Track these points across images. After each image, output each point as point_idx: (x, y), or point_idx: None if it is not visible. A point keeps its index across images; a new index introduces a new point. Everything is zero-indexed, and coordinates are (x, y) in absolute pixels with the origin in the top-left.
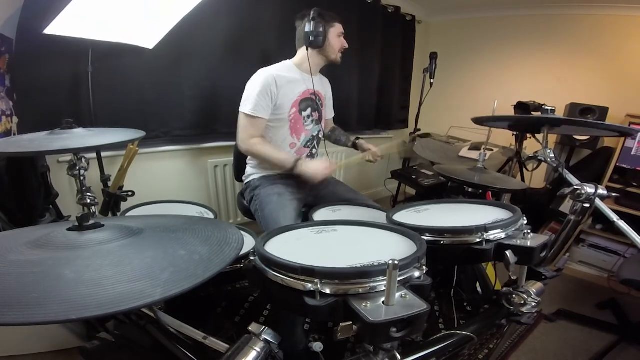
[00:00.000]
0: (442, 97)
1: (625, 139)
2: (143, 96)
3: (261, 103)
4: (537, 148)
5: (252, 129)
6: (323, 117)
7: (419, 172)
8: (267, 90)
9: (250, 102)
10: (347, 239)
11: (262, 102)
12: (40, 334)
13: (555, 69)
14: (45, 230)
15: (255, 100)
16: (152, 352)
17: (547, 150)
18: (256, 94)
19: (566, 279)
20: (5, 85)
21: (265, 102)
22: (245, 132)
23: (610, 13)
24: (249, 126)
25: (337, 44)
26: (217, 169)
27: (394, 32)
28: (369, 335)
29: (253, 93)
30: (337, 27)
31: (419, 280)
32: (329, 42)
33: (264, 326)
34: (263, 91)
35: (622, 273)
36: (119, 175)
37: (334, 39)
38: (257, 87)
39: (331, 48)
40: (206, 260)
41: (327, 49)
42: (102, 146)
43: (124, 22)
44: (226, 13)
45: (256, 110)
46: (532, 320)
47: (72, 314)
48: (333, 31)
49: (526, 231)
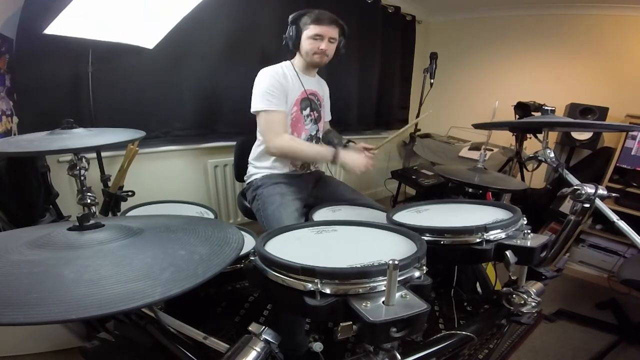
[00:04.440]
0: (442, 97)
1: (625, 139)
2: (143, 96)
3: (275, 95)
4: (537, 148)
5: (276, 125)
6: (322, 118)
7: (419, 172)
8: (276, 84)
9: (264, 98)
10: (347, 239)
11: (275, 94)
12: (40, 334)
13: (555, 69)
14: (45, 230)
15: (269, 95)
16: (152, 352)
17: (547, 150)
18: (267, 88)
19: (566, 279)
20: (5, 85)
21: (278, 94)
22: (270, 132)
23: (611, 13)
24: (272, 123)
25: (308, 47)
26: (217, 169)
27: (394, 32)
28: (369, 335)
29: (263, 89)
30: (310, 29)
31: (419, 280)
32: (301, 46)
33: (264, 326)
34: (273, 85)
35: (622, 273)
36: (119, 175)
37: (305, 41)
38: (267, 82)
39: (304, 51)
40: (206, 260)
41: (301, 52)
42: (102, 146)
43: (124, 22)
44: (226, 13)
45: (272, 104)
46: (532, 320)
47: (72, 314)
48: (306, 34)
49: (526, 231)
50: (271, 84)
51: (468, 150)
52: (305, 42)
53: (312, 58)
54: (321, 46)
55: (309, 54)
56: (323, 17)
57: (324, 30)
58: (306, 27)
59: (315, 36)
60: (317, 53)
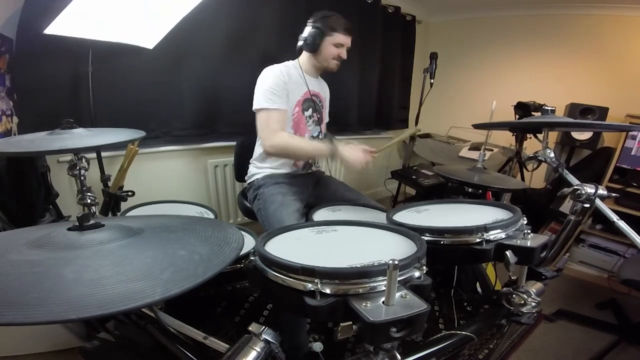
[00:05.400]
0: (442, 97)
1: (625, 139)
2: (143, 96)
3: (277, 94)
4: (537, 148)
5: (274, 123)
6: (324, 119)
7: (419, 172)
8: (279, 82)
9: (266, 96)
10: (347, 239)
11: (278, 93)
12: (40, 334)
13: (555, 69)
14: (45, 230)
15: (271, 93)
16: (152, 352)
17: (547, 150)
18: (270, 87)
19: (566, 279)
20: (5, 85)
21: (281, 93)
22: (267, 129)
23: (611, 13)
24: (270, 121)
25: (329, 52)
26: (217, 169)
27: (394, 32)
28: (369, 335)
29: (266, 87)
30: (335, 37)
31: (419, 280)
32: (321, 50)
33: (264, 326)
34: (276, 83)
35: (622, 273)
36: (119, 175)
37: (328, 47)
38: (269, 80)
39: (323, 56)
40: (206, 260)
41: (319, 55)
42: (102, 146)
43: (124, 22)
44: (226, 13)
45: (274, 102)
46: (532, 320)
47: (72, 314)
48: (329, 40)
49: (526, 231)
50: (275, 82)
51: (468, 150)
52: (328, 47)
53: (330, 63)
54: (342, 54)
55: (328, 60)
56: (348, 26)
57: (347, 41)
58: (332, 34)
59: (339, 44)
60: (336, 59)
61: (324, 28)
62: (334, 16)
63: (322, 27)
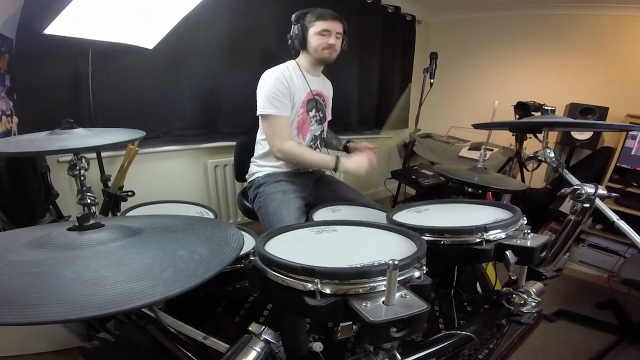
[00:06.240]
0: (442, 97)
1: (625, 139)
2: (143, 96)
3: (281, 99)
4: (537, 148)
5: (282, 130)
6: (327, 118)
7: (419, 172)
8: (282, 87)
9: (270, 101)
10: (347, 239)
11: (281, 99)
12: (40, 334)
13: (555, 69)
14: (45, 230)
15: (274, 99)
16: (152, 352)
17: (547, 150)
18: (273, 92)
19: (566, 279)
20: (5, 85)
21: (284, 99)
22: (277, 137)
23: (611, 13)
24: (278, 128)
25: (317, 42)
26: (217, 169)
27: (394, 32)
28: (369, 335)
29: (269, 92)
30: (317, 25)
31: (419, 280)
32: (309, 43)
33: (264, 326)
34: (278, 89)
35: (622, 273)
36: (119, 175)
37: (313, 37)
38: (272, 85)
39: (312, 48)
40: (206, 260)
41: (309, 49)
42: (102, 146)
43: (124, 22)
44: (226, 13)
45: (278, 109)
46: (532, 320)
47: (72, 314)
48: (313, 30)
49: (526, 231)
50: (276, 87)
51: (468, 150)
52: (313, 39)
53: (321, 54)
54: (330, 41)
55: (318, 50)
56: (327, 13)
57: (331, 26)
58: (312, 24)
59: (323, 32)
60: (326, 48)
61: (304, 21)
62: (313, 10)
63: (302, 21)
